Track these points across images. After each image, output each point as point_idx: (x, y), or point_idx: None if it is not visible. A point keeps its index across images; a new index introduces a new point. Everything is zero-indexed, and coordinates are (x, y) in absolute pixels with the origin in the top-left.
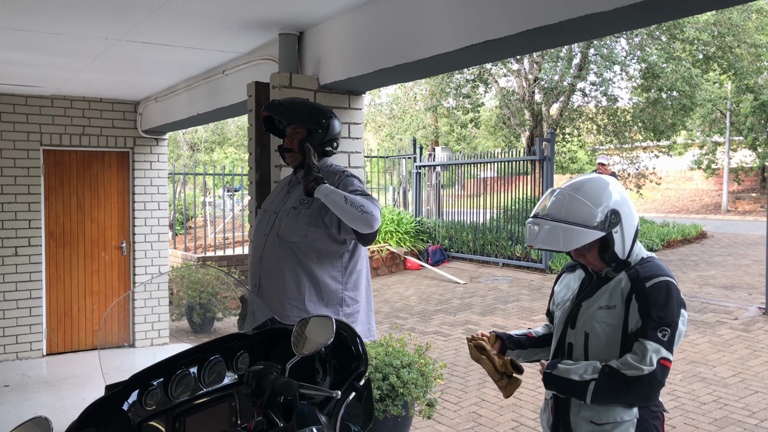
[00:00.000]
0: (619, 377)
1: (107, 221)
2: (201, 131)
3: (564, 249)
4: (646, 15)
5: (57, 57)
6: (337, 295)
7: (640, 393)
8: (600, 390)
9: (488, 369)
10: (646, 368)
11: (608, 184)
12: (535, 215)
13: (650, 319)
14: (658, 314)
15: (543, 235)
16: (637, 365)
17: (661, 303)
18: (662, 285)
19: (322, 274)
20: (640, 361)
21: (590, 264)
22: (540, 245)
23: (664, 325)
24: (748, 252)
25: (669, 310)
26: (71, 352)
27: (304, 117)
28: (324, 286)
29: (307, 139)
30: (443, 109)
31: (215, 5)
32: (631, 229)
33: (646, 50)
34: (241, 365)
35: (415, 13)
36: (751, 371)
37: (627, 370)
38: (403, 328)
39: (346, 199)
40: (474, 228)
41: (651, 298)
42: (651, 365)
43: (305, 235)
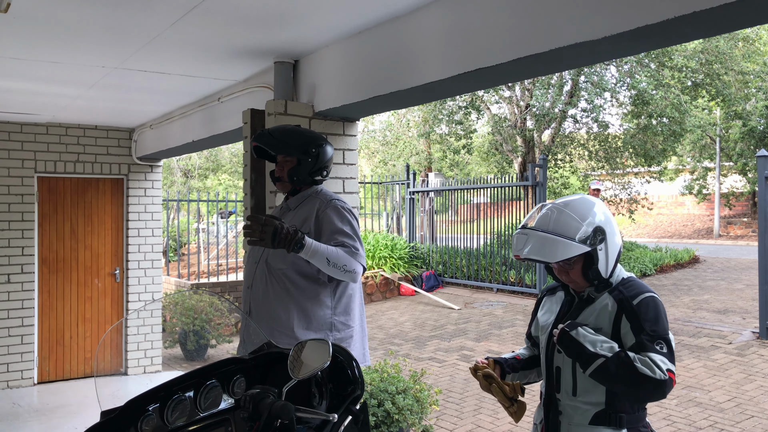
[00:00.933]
0: (629, 368)
1: (101, 248)
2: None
3: (550, 260)
4: (634, 44)
5: (53, 85)
6: (326, 320)
7: (643, 391)
8: (605, 369)
9: (500, 398)
10: (659, 374)
11: (594, 204)
12: (524, 226)
13: (644, 333)
14: (652, 328)
15: (530, 246)
16: (653, 368)
17: (651, 318)
18: (649, 300)
19: (310, 300)
20: (651, 369)
21: (572, 282)
22: (527, 255)
23: (659, 338)
24: (741, 276)
25: (660, 324)
26: (63, 381)
27: (293, 147)
28: (312, 312)
29: (296, 169)
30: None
31: (211, 34)
32: (615, 249)
33: (636, 77)
34: (238, 389)
35: (408, 41)
36: (746, 396)
37: (641, 365)
38: (398, 354)
39: (328, 261)
40: (468, 253)
41: (641, 314)
42: (663, 374)
43: (292, 262)
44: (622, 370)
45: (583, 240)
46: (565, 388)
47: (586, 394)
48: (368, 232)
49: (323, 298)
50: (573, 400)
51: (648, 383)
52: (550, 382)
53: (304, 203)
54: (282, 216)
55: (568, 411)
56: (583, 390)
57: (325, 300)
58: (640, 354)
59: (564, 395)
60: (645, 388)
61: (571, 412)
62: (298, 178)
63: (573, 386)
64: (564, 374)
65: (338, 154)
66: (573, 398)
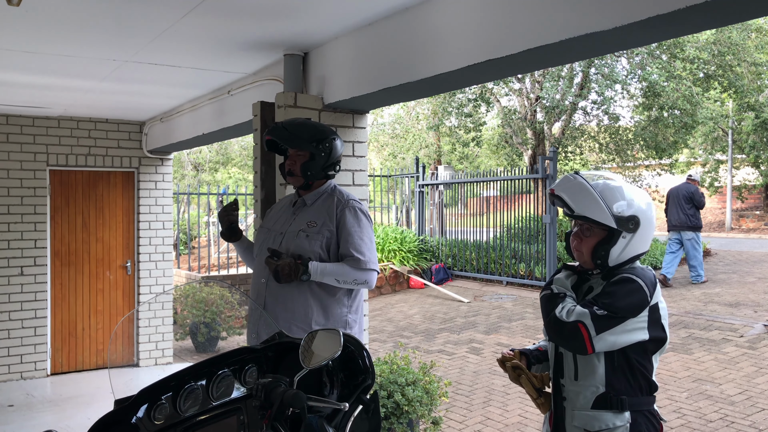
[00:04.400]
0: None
1: (112, 241)
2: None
3: (575, 208)
4: (645, 34)
5: (65, 78)
6: (342, 318)
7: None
8: (541, 300)
9: (528, 389)
10: (564, 317)
11: (648, 201)
12: (577, 172)
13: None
14: (603, 300)
15: (569, 186)
16: (563, 313)
17: (611, 291)
18: (620, 279)
19: (330, 297)
20: (562, 313)
21: (578, 254)
22: (560, 191)
23: (602, 306)
24: (753, 269)
25: (614, 300)
26: (76, 372)
27: (307, 142)
28: (331, 309)
29: (310, 163)
30: (445, 128)
31: (221, 27)
32: (636, 248)
33: (647, 69)
34: (250, 378)
35: (417, 33)
36: (757, 389)
37: (560, 309)
38: (408, 346)
39: (338, 281)
40: (477, 246)
41: (605, 288)
42: (569, 319)
43: (319, 257)
44: (548, 303)
45: (616, 217)
46: (567, 373)
47: (587, 377)
48: (378, 226)
49: (341, 296)
50: (575, 385)
51: (553, 322)
52: (555, 368)
53: (321, 200)
54: (298, 211)
55: (571, 396)
56: (584, 374)
57: (342, 298)
58: (573, 305)
59: (567, 380)
60: (550, 325)
61: (574, 397)
62: (312, 172)
63: (574, 370)
64: (566, 358)
65: (348, 147)
66: (575, 383)
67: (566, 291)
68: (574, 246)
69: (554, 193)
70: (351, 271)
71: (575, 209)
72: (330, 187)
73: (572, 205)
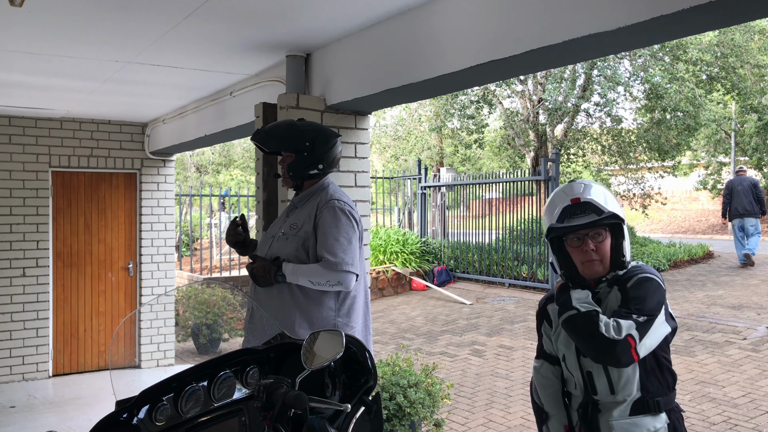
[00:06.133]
0: (592, 325)
1: (114, 242)
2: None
3: (607, 208)
4: (648, 34)
5: (68, 80)
6: (329, 321)
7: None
8: (573, 321)
9: None
10: (613, 335)
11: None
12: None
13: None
14: (637, 306)
15: (593, 190)
16: (610, 330)
17: (640, 295)
18: (642, 280)
19: (313, 302)
20: (608, 330)
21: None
22: (589, 196)
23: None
24: (756, 272)
25: (646, 303)
26: (77, 373)
27: (286, 143)
28: (314, 312)
29: (292, 164)
30: (448, 130)
31: (223, 28)
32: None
33: (650, 71)
34: (251, 380)
35: (420, 34)
36: (761, 391)
37: (603, 326)
38: (410, 348)
39: (311, 282)
40: (480, 248)
41: (630, 292)
42: (619, 336)
43: (295, 259)
44: (585, 324)
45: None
46: (601, 388)
47: (624, 387)
48: (380, 227)
49: (326, 300)
50: (611, 398)
51: (601, 342)
52: (585, 389)
53: (308, 200)
54: (290, 214)
55: (606, 409)
56: (620, 384)
57: (328, 302)
58: (612, 318)
59: (602, 396)
60: (596, 345)
61: (611, 408)
62: (293, 173)
63: (608, 384)
64: (598, 374)
65: (350, 148)
66: (611, 396)
67: (593, 307)
68: (587, 259)
69: (581, 200)
70: (323, 272)
71: (606, 209)
72: (321, 187)
73: (605, 206)
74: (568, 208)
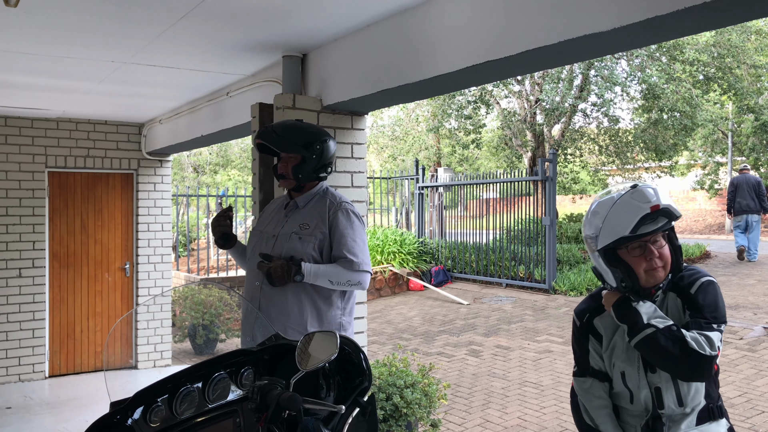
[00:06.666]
0: (680, 341)
1: (111, 243)
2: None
3: (678, 214)
4: (644, 35)
5: (64, 80)
6: (336, 320)
7: (688, 367)
8: (653, 340)
9: None
10: (708, 351)
11: None
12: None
13: (702, 317)
14: (712, 314)
15: (661, 193)
16: (703, 345)
17: (710, 303)
18: (707, 285)
19: (324, 299)
20: (700, 346)
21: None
22: (665, 202)
23: (717, 322)
24: (753, 272)
25: (719, 310)
26: (74, 374)
27: (298, 145)
28: (325, 311)
29: (301, 166)
30: (445, 130)
31: (219, 29)
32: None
33: (647, 71)
34: (246, 381)
35: (416, 34)
36: (757, 391)
37: (692, 341)
38: (407, 349)
39: (331, 282)
40: (477, 249)
41: (699, 300)
42: (713, 351)
43: (312, 259)
44: (672, 342)
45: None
46: (668, 402)
47: (692, 398)
48: (377, 228)
49: (335, 298)
50: (680, 410)
51: (696, 359)
52: (651, 403)
53: (313, 202)
54: (290, 213)
55: (674, 421)
56: (688, 395)
57: (336, 301)
58: (693, 332)
59: (669, 409)
60: (691, 363)
61: (678, 420)
62: (303, 175)
63: (676, 396)
64: (666, 391)
65: (347, 148)
66: (679, 408)
67: (668, 320)
68: (652, 267)
69: (661, 207)
70: (344, 272)
71: (679, 211)
72: (322, 188)
73: (677, 211)
74: (646, 217)
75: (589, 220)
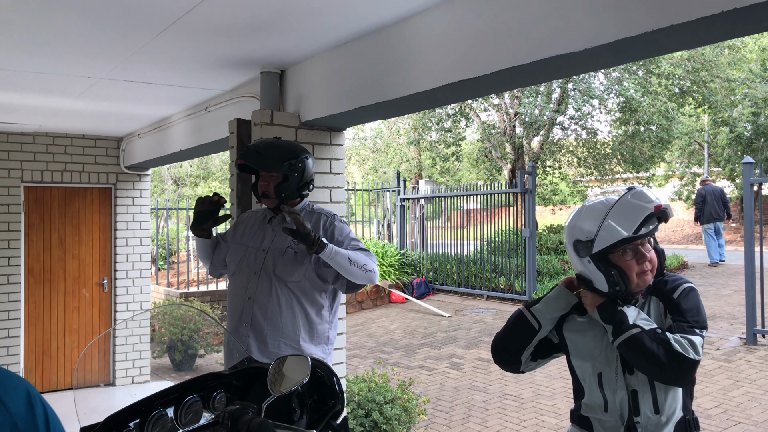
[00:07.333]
0: (665, 343)
1: (88, 258)
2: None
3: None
4: (614, 55)
5: (40, 95)
6: (325, 334)
7: (671, 370)
8: (638, 340)
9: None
10: (692, 354)
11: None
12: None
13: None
14: (694, 318)
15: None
16: (687, 348)
17: (692, 307)
18: (689, 290)
19: (316, 313)
20: (685, 349)
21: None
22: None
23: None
24: (729, 282)
25: (701, 315)
26: (49, 392)
27: (280, 164)
28: (315, 325)
29: (283, 184)
30: (426, 142)
31: (197, 45)
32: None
33: (624, 85)
34: (218, 405)
35: (393, 52)
36: (733, 402)
37: (676, 344)
38: (388, 362)
39: (350, 260)
40: (458, 260)
41: (681, 304)
42: (698, 355)
43: (305, 275)
44: (656, 344)
45: None
46: (644, 409)
47: (669, 406)
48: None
49: (324, 312)
50: (656, 418)
51: (680, 361)
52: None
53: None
54: (276, 228)
55: (650, 431)
56: (665, 404)
57: (325, 314)
58: (676, 335)
59: (645, 417)
60: (675, 365)
61: (654, 430)
62: (286, 193)
63: (653, 402)
64: (642, 395)
65: (325, 164)
66: (655, 416)
67: (653, 323)
68: (644, 270)
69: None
70: (362, 256)
71: (671, 214)
72: (308, 205)
73: (671, 212)
74: (650, 216)
75: (577, 225)
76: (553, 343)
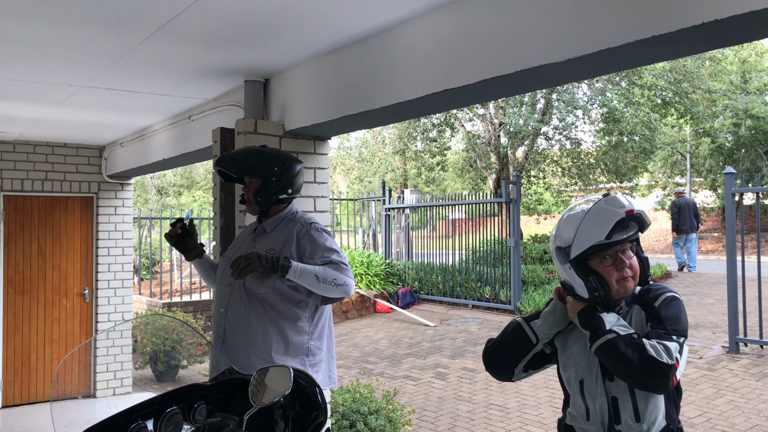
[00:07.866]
0: (639, 348)
1: (69, 268)
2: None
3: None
4: (597, 66)
5: (20, 103)
6: (303, 345)
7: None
8: (613, 345)
9: None
10: (665, 359)
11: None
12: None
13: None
14: (672, 327)
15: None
16: (661, 353)
17: (672, 316)
18: (670, 299)
19: (290, 325)
20: (659, 354)
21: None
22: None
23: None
24: (712, 291)
25: (680, 324)
26: (29, 404)
27: (254, 169)
28: (291, 337)
29: (260, 189)
30: (411, 152)
31: (180, 53)
32: None
33: (607, 95)
34: (199, 417)
35: (376, 62)
36: (716, 410)
37: (651, 349)
38: (373, 372)
39: (317, 278)
40: (443, 270)
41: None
42: (671, 360)
43: (273, 287)
44: (631, 349)
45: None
46: (625, 416)
47: (650, 414)
48: (344, 249)
49: (301, 324)
50: (637, 427)
51: (655, 367)
52: (610, 416)
53: (280, 226)
54: (258, 238)
55: None
56: (646, 412)
57: (303, 326)
58: (652, 340)
59: (626, 425)
60: (649, 371)
61: None
62: (262, 198)
63: (634, 411)
64: (622, 402)
65: (309, 173)
66: (637, 424)
67: (630, 329)
68: (624, 276)
69: (635, 212)
70: (331, 271)
71: (649, 219)
72: (291, 212)
73: (648, 219)
74: (621, 222)
75: (558, 233)
76: (546, 354)
